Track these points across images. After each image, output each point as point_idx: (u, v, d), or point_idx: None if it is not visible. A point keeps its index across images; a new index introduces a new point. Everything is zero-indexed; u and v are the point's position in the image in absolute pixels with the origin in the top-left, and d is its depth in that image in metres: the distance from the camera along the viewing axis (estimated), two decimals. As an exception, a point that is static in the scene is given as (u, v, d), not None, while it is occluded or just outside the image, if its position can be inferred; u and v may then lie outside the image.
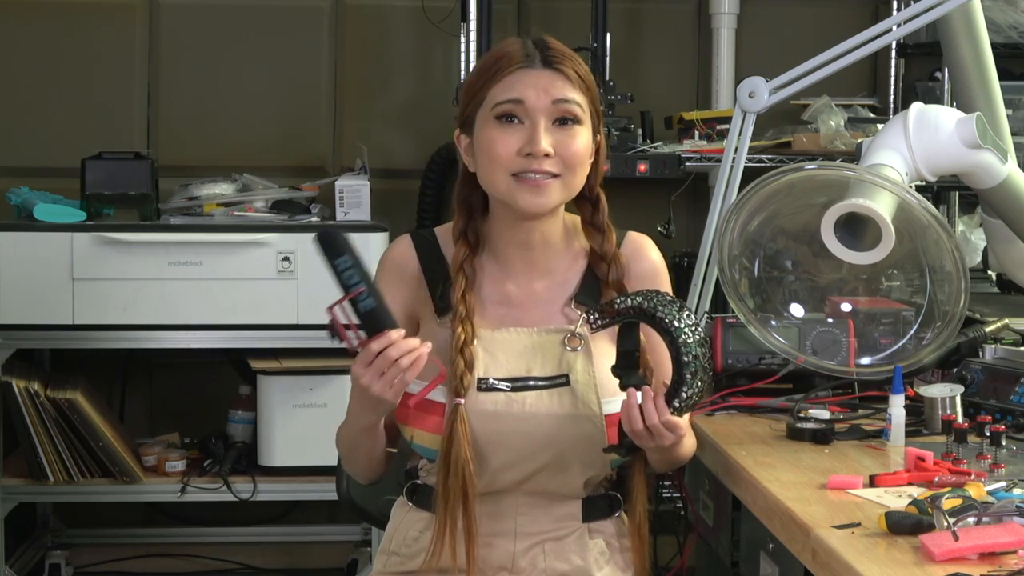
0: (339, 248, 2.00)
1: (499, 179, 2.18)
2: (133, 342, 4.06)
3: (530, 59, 2.19)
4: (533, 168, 2.16)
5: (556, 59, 2.20)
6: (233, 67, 4.53)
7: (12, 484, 4.02)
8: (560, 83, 2.19)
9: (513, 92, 2.18)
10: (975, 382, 2.56)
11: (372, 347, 2.03)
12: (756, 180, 2.61)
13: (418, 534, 2.25)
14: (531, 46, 2.21)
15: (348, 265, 1.99)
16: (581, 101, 2.20)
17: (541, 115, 2.17)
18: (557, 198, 2.19)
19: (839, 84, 3.98)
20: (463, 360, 2.16)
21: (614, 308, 2.11)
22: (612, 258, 2.25)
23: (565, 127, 2.18)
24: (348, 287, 1.98)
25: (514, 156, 2.16)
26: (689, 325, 2.07)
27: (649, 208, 4.24)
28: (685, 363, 2.06)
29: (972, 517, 1.85)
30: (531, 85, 2.18)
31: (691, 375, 2.07)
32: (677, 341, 2.06)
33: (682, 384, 2.07)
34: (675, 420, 2.08)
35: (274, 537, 4.56)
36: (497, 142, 2.17)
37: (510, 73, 2.19)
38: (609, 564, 2.26)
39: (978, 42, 2.98)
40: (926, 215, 2.52)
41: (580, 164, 2.20)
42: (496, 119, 2.18)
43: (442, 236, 2.29)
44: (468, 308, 2.19)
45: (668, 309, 2.08)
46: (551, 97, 2.17)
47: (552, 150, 2.16)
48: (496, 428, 2.17)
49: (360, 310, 1.99)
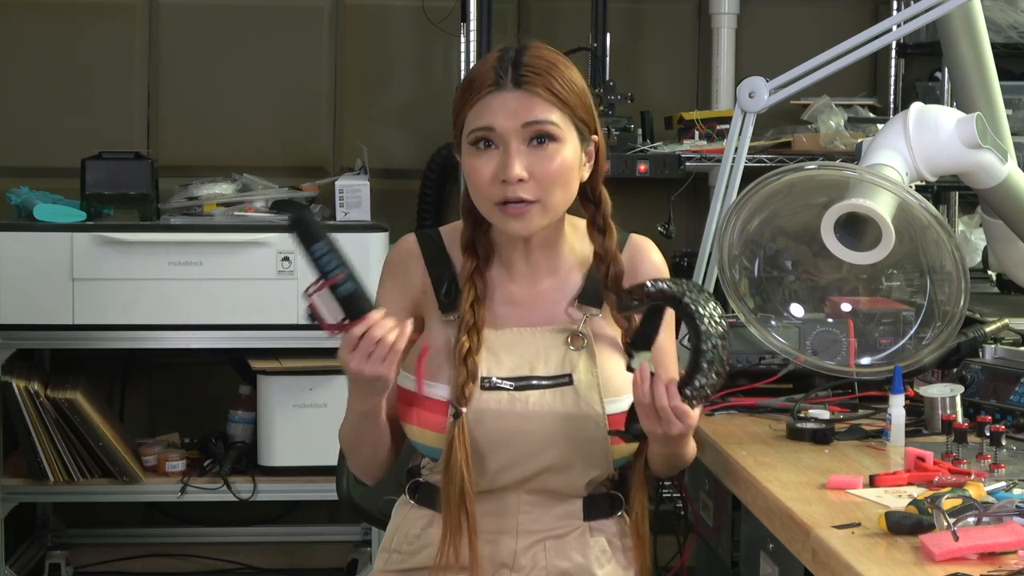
0: (315, 234, 1.99)
1: (484, 207, 2.20)
2: (133, 342, 4.06)
3: (500, 81, 2.17)
4: (508, 195, 2.15)
5: (527, 79, 2.17)
6: (233, 67, 4.53)
7: (12, 484, 4.02)
8: (532, 103, 2.16)
9: (483, 119, 2.17)
10: (975, 382, 2.56)
11: (355, 331, 2.03)
12: (756, 180, 2.61)
13: (420, 532, 2.25)
14: (506, 65, 2.18)
15: (325, 251, 1.98)
16: (556, 118, 2.17)
17: (512, 139, 2.16)
18: (539, 221, 2.19)
19: (839, 84, 3.98)
20: (466, 369, 2.16)
21: (643, 291, 2.10)
22: (611, 257, 2.25)
23: (541, 147, 2.17)
24: (326, 273, 1.98)
25: (491, 183, 2.16)
26: (714, 316, 2.07)
27: (649, 208, 4.24)
28: (703, 351, 2.05)
29: (972, 517, 1.85)
30: (500, 111, 2.16)
31: (707, 364, 2.06)
32: (699, 329, 2.06)
33: (697, 372, 2.06)
34: (685, 408, 2.08)
35: (274, 537, 4.56)
36: (474, 169, 2.18)
37: (481, 98, 2.17)
38: (611, 563, 2.26)
39: (978, 42, 2.98)
40: (926, 215, 2.52)
41: (560, 182, 2.18)
42: (472, 145, 2.18)
43: (447, 235, 2.30)
44: (477, 319, 2.20)
45: (696, 296, 2.07)
46: (520, 120, 2.16)
47: (526, 174, 2.15)
48: (499, 427, 2.17)
49: (339, 295, 1.98)
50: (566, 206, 2.23)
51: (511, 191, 2.15)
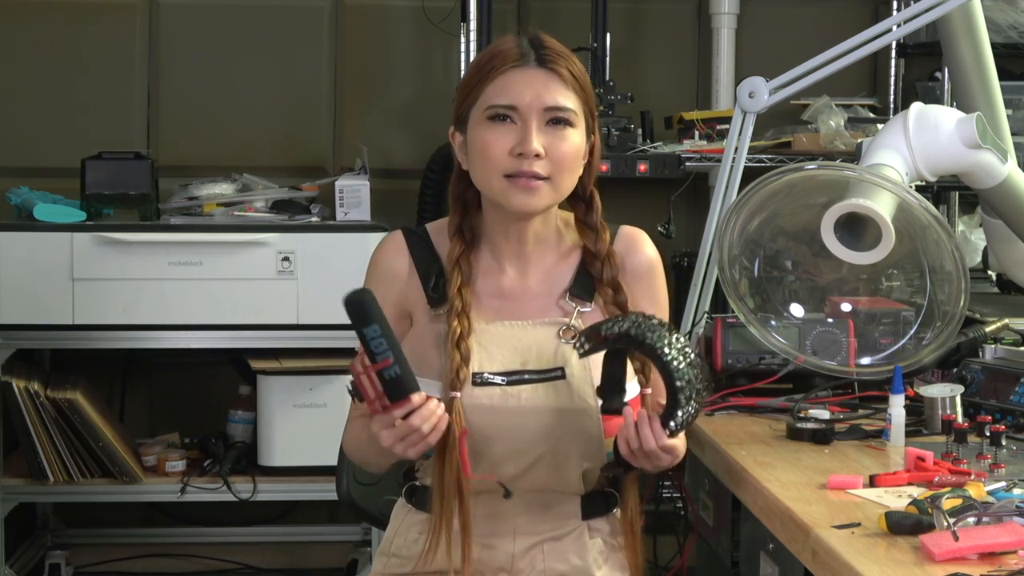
0: (368, 317, 2.01)
1: (492, 179, 2.18)
2: (133, 342, 4.06)
3: (524, 58, 2.19)
4: (523, 169, 2.16)
5: (551, 59, 2.19)
6: (233, 67, 4.53)
7: (12, 484, 4.02)
8: (554, 85, 2.18)
9: (506, 94, 2.17)
10: (975, 382, 2.56)
11: (395, 414, 2.04)
12: (756, 180, 2.61)
13: (418, 536, 2.25)
14: (526, 44, 2.20)
15: (376, 335, 2.00)
16: (574, 104, 2.19)
17: (533, 116, 2.17)
18: (547, 200, 2.20)
19: (839, 84, 3.99)
20: (459, 354, 2.16)
21: (601, 335, 2.09)
22: (606, 257, 2.25)
23: (557, 128, 2.18)
24: (375, 355, 2.00)
25: (506, 156, 2.17)
26: (679, 348, 2.05)
27: (649, 208, 4.24)
28: (679, 388, 2.04)
29: (972, 517, 1.85)
30: (524, 86, 2.17)
31: (684, 398, 2.05)
32: (669, 367, 2.04)
33: (676, 407, 2.06)
34: (672, 443, 2.08)
35: (274, 537, 4.56)
36: (490, 142, 2.17)
37: (504, 73, 2.18)
38: (608, 563, 2.26)
39: (978, 42, 2.98)
40: (926, 215, 2.53)
41: (570, 166, 2.19)
42: (489, 119, 2.18)
43: (433, 231, 2.30)
44: (464, 302, 2.20)
45: (656, 335, 2.05)
46: (543, 102, 2.17)
47: (543, 151, 2.16)
48: (492, 422, 2.17)
49: (384, 378, 2.01)
50: (568, 192, 2.23)
51: (527, 164, 2.16)
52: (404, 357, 2.03)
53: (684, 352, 2.05)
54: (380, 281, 2.26)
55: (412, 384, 2.03)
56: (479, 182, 2.22)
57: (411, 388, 2.03)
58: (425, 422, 2.04)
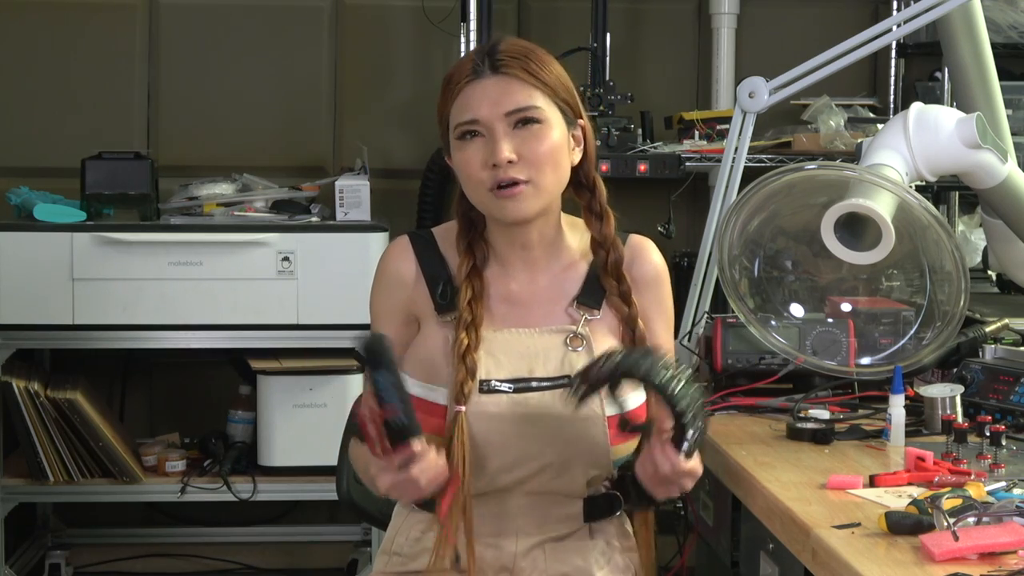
0: (380, 363, 2.02)
1: (479, 195, 2.19)
2: (133, 342, 4.06)
3: (478, 70, 2.18)
4: (500, 178, 2.15)
5: (504, 63, 2.17)
6: (233, 67, 4.53)
7: (12, 484, 4.02)
8: (512, 87, 2.17)
9: (467, 110, 2.17)
10: (975, 382, 2.56)
11: (395, 461, 2.04)
12: (756, 180, 2.61)
13: (419, 535, 2.25)
14: (481, 55, 2.19)
15: (386, 381, 2.01)
16: (538, 101, 2.17)
17: (497, 124, 2.16)
18: (534, 203, 2.18)
19: (839, 84, 3.99)
20: (465, 367, 2.15)
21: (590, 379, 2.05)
22: (611, 243, 2.24)
23: (527, 128, 2.17)
24: (383, 401, 2.01)
25: (482, 170, 2.16)
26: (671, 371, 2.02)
27: (649, 208, 4.24)
28: (682, 411, 2.02)
29: (972, 517, 1.85)
30: (481, 98, 2.16)
31: (691, 420, 2.02)
32: (667, 392, 2.02)
33: (685, 430, 2.03)
34: (690, 465, 2.06)
35: (274, 537, 4.56)
36: (465, 161, 2.17)
37: (461, 90, 2.18)
38: (609, 564, 2.26)
39: (978, 42, 2.98)
40: (926, 215, 2.53)
41: (548, 162, 2.17)
42: (459, 139, 2.19)
43: (440, 235, 2.29)
44: (475, 316, 2.19)
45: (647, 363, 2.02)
46: (502, 108, 2.16)
47: (515, 155, 2.15)
48: (498, 430, 2.16)
49: (389, 423, 2.02)
50: (559, 189, 2.21)
51: (502, 173, 2.15)
52: (411, 407, 2.03)
53: (677, 375, 2.03)
54: (387, 286, 2.26)
55: (415, 431, 2.04)
56: (472, 201, 2.22)
57: (413, 434, 2.03)
58: (423, 474, 2.05)
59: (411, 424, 2.03)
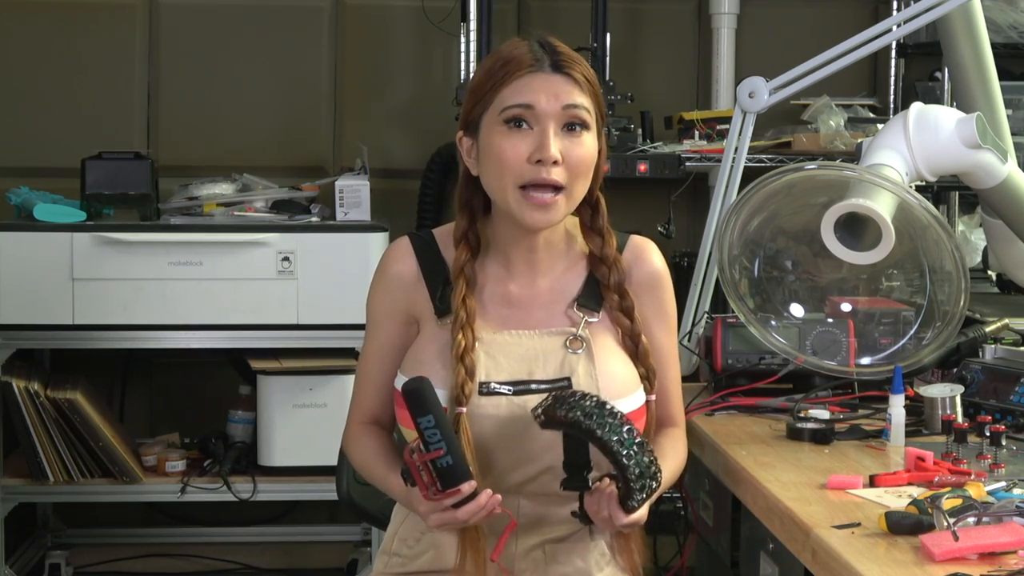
0: (424, 407, 2.04)
1: (507, 189, 2.16)
2: (133, 342, 4.06)
3: (539, 63, 2.17)
4: (541, 177, 2.13)
5: (566, 63, 2.18)
6: (233, 67, 4.53)
7: (12, 484, 4.02)
8: (570, 88, 2.17)
9: (523, 96, 2.15)
10: (975, 382, 2.56)
11: (446, 503, 2.06)
12: (756, 180, 2.61)
13: (420, 535, 2.25)
14: (539, 49, 2.18)
15: (431, 424, 2.03)
16: (589, 106, 2.18)
17: (551, 120, 2.15)
18: (563, 213, 2.18)
19: (839, 84, 3.99)
20: (464, 367, 2.15)
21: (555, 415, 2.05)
22: (612, 262, 2.24)
23: (573, 133, 2.17)
24: (429, 444, 2.03)
25: (523, 163, 2.14)
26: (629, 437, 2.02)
27: (649, 208, 4.24)
28: (634, 477, 2.02)
29: (972, 517, 1.85)
30: (541, 90, 2.15)
31: (640, 487, 2.03)
32: (620, 460, 2.02)
33: (632, 494, 2.04)
34: (631, 519, 2.07)
35: (274, 537, 4.56)
36: (506, 148, 2.15)
37: (519, 77, 2.16)
38: (610, 565, 2.26)
39: (978, 42, 2.98)
40: (926, 215, 2.53)
41: (586, 172, 2.18)
42: (504, 123, 2.16)
43: (441, 237, 2.28)
44: (469, 313, 2.18)
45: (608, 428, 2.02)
46: (561, 102, 2.15)
47: (560, 156, 2.15)
48: (498, 432, 2.16)
49: (437, 467, 2.04)
50: (581, 198, 2.21)
51: (545, 172, 2.14)
52: (458, 446, 2.04)
53: (635, 442, 2.02)
54: (387, 287, 2.26)
55: (464, 474, 2.04)
56: (492, 190, 2.20)
57: (463, 478, 2.04)
58: (473, 516, 2.06)
59: (458, 464, 2.04)
